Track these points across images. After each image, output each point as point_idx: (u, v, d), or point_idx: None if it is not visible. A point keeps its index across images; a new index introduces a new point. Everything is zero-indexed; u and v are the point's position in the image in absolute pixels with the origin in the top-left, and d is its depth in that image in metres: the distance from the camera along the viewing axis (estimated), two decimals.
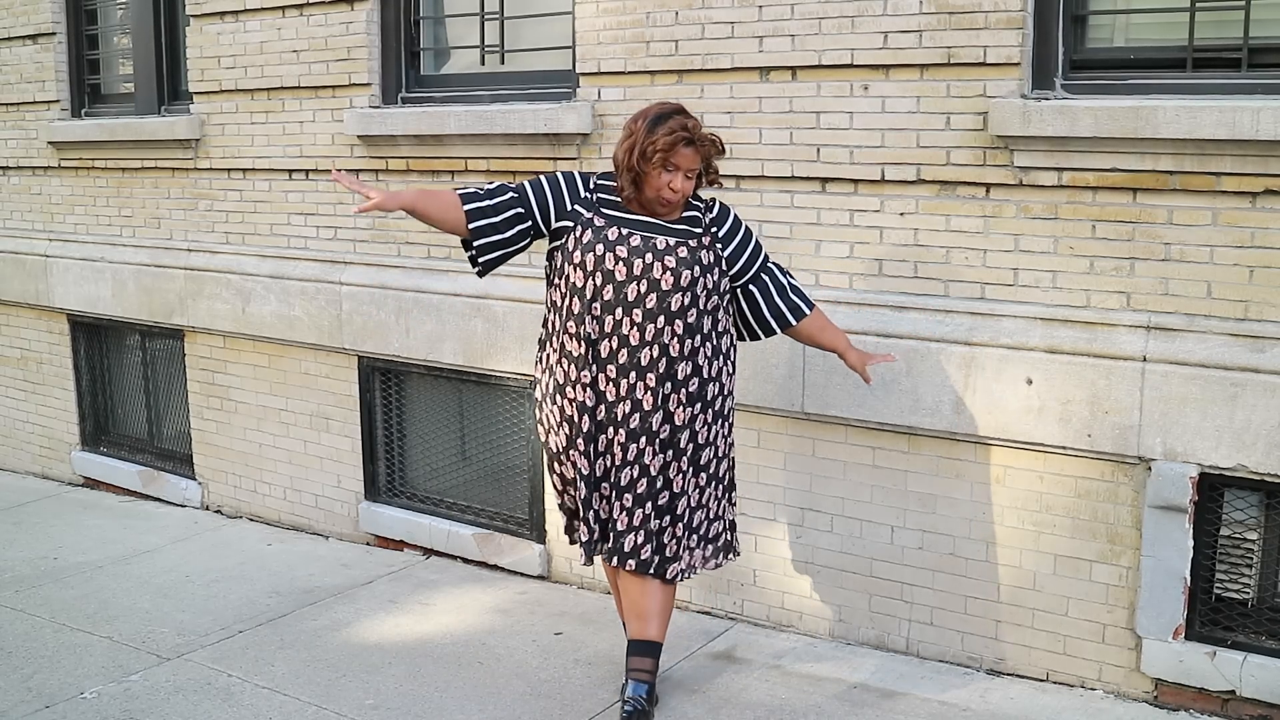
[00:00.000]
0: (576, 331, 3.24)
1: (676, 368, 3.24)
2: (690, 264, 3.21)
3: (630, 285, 3.19)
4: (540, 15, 4.58)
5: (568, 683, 3.71)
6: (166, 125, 5.62)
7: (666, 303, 3.19)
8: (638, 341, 3.21)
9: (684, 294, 3.21)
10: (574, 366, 3.26)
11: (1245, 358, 3.24)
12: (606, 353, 3.22)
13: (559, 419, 3.32)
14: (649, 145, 3.14)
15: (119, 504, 6.00)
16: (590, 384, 3.25)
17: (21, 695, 3.67)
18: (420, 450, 5.13)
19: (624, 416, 3.24)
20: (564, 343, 3.28)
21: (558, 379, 3.31)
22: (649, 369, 3.21)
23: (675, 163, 3.17)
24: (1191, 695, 3.43)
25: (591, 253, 3.21)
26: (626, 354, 3.21)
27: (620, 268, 3.19)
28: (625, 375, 3.22)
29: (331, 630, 4.17)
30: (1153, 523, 3.40)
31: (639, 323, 3.20)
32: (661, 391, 3.23)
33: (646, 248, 3.20)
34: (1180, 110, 3.23)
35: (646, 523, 3.30)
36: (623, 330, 3.21)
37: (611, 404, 3.24)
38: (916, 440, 3.77)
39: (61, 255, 6.21)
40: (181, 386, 5.87)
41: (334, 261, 5.11)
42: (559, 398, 3.31)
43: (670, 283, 3.19)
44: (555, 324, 3.33)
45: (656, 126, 3.17)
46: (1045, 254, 3.53)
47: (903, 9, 3.64)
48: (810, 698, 3.58)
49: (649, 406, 3.24)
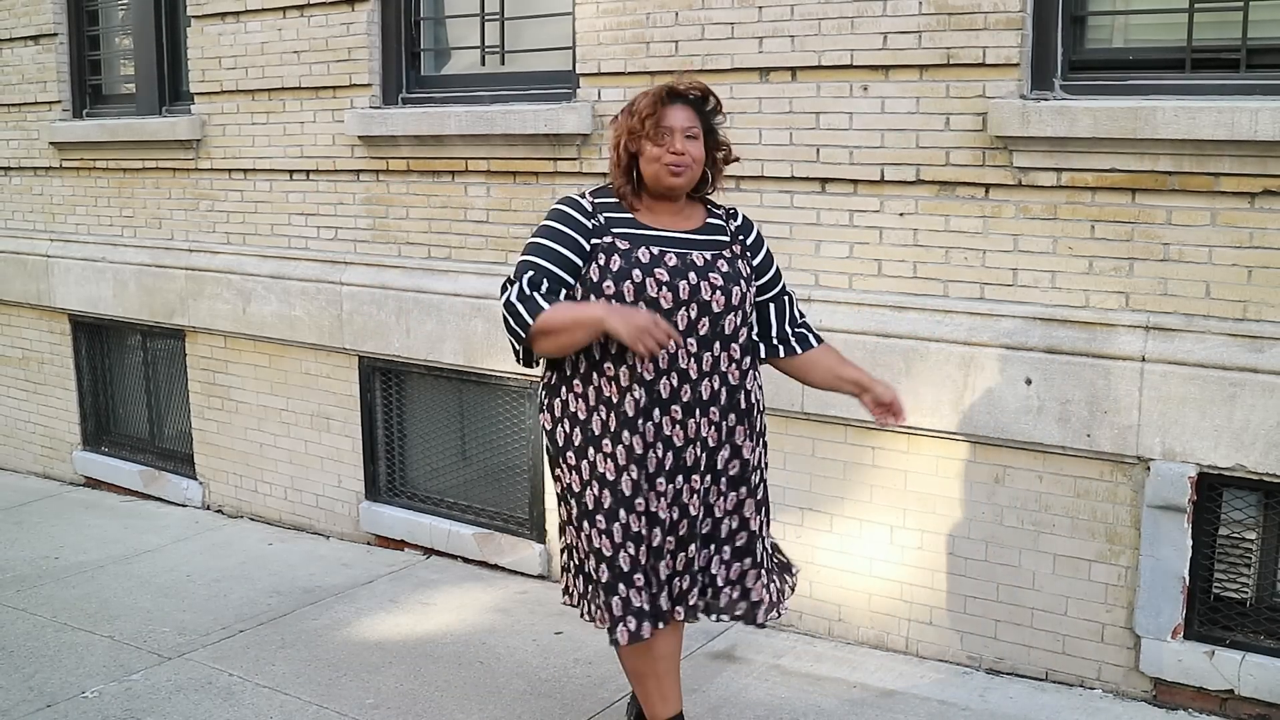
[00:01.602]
0: (616, 374, 2.78)
1: (737, 397, 2.88)
2: (735, 279, 2.84)
3: (679, 312, 2.77)
4: (540, 16, 4.58)
5: (568, 682, 3.71)
6: (168, 126, 5.63)
7: (720, 326, 2.82)
8: (696, 375, 2.81)
9: (735, 314, 2.84)
10: (617, 415, 2.79)
11: (1244, 357, 3.25)
12: (668, 393, 2.79)
13: (599, 478, 2.82)
14: (634, 118, 2.79)
15: (120, 504, 6.01)
16: (645, 431, 2.79)
17: (23, 694, 3.68)
18: (421, 450, 5.14)
19: (695, 461, 2.85)
20: (601, 387, 2.80)
21: (592, 429, 2.82)
22: (711, 403, 2.83)
23: (667, 125, 2.77)
24: (1190, 694, 3.44)
25: (628, 280, 2.75)
26: (689, 390, 2.80)
27: (665, 294, 2.75)
28: (691, 415, 2.81)
29: (332, 630, 4.17)
30: (1151, 522, 3.41)
31: (695, 353, 2.80)
32: (725, 425, 2.87)
33: (687, 267, 2.78)
34: (1179, 111, 3.24)
35: (728, 569, 2.96)
36: (680, 364, 2.79)
37: (680, 449, 2.82)
38: (916, 440, 3.77)
39: (63, 255, 6.21)
40: (182, 386, 5.88)
41: (334, 262, 5.12)
42: (591, 451, 2.82)
43: (722, 303, 2.80)
44: (581, 366, 2.83)
45: (638, 102, 2.82)
46: (1044, 254, 3.53)
47: (902, 10, 3.64)
48: (810, 698, 3.59)
49: (714, 444, 2.87)
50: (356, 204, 5.04)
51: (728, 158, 2.95)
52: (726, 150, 2.94)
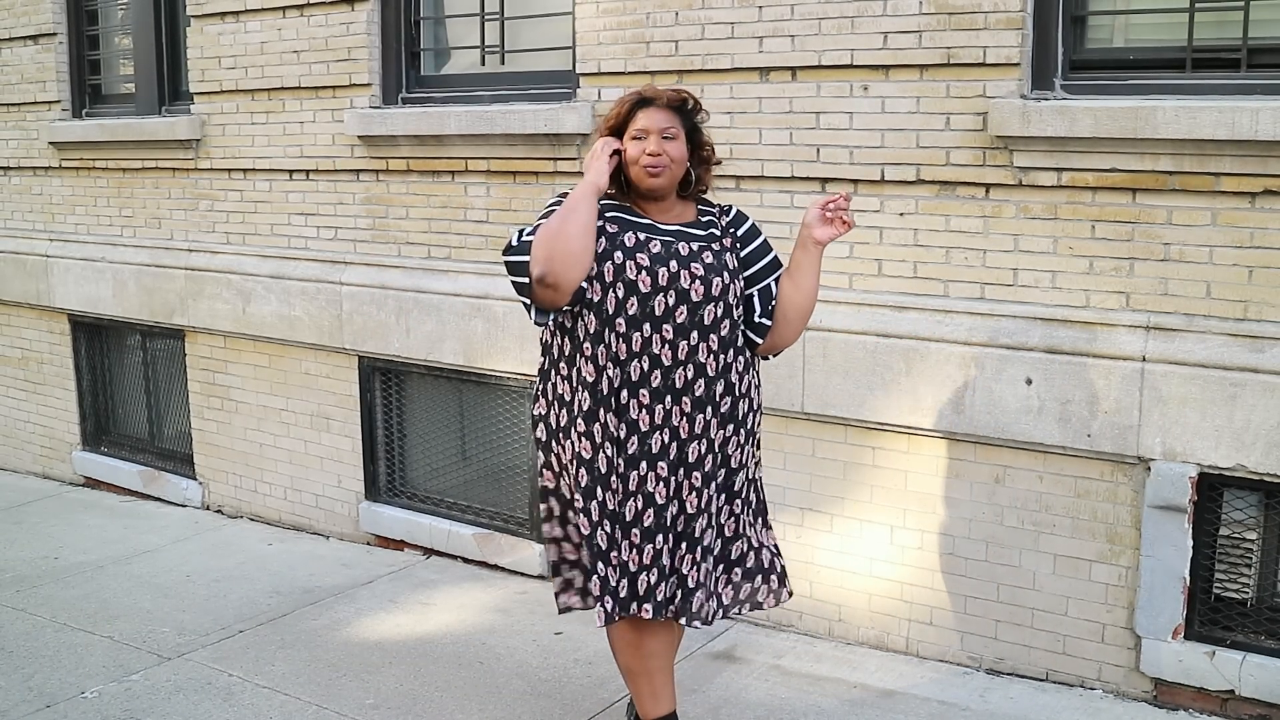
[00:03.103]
0: (594, 353, 2.84)
1: (714, 388, 2.88)
2: (718, 270, 2.86)
3: (656, 297, 2.81)
4: (540, 15, 4.58)
5: (568, 682, 3.71)
6: (167, 126, 5.63)
7: (699, 315, 2.84)
8: (670, 361, 2.84)
9: (716, 304, 2.86)
10: (593, 394, 2.84)
11: (1244, 358, 3.25)
12: (638, 375, 2.83)
13: (577, 457, 2.87)
14: (610, 123, 2.91)
15: (120, 504, 6.00)
16: (618, 411, 2.85)
17: (23, 694, 3.68)
18: (420, 450, 5.14)
19: (661, 448, 2.86)
20: (580, 368, 2.87)
21: (574, 410, 2.88)
22: (684, 392, 2.84)
23: (641, 129, 2.84)
24: (1191, 695, 3.43)
25: (609, 261, 2.81)
26: (660, 376, 2.83)
27: (644, 277, 2.81)
28: (660, 400, 2.84)
29: (332, 630, 4.17)
30: (1152, 523, 3.41)
31: (670, 339, 2.83)
32: (700, 419, 2.87)
33: (669, 254, 2.84)
34: (1179, 111, 3.23)
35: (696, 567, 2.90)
36: (653, 349, 2.83)
37: (645, 434, 2.85)
38: (916, 440, 3.77)
39: (62, 255, 6.21)
40: (182, 386, 5.88)
41: (334, 261, 5.11)
42: (573, 431, 2.88)
43: (700, 293, 2.83)
44: (566, 348, 2.92)
45: (615, 105, 2.94)
46: (1045, 254, 3.53)
47: (902, 9, 3.64)
48: (810, 698, 3.58)
49: (685, 435, 2.87)
50: (356, 204, 5.04)
51: (711, 156, 2.99)
52: (710, 149, 2.98)
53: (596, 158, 2.88)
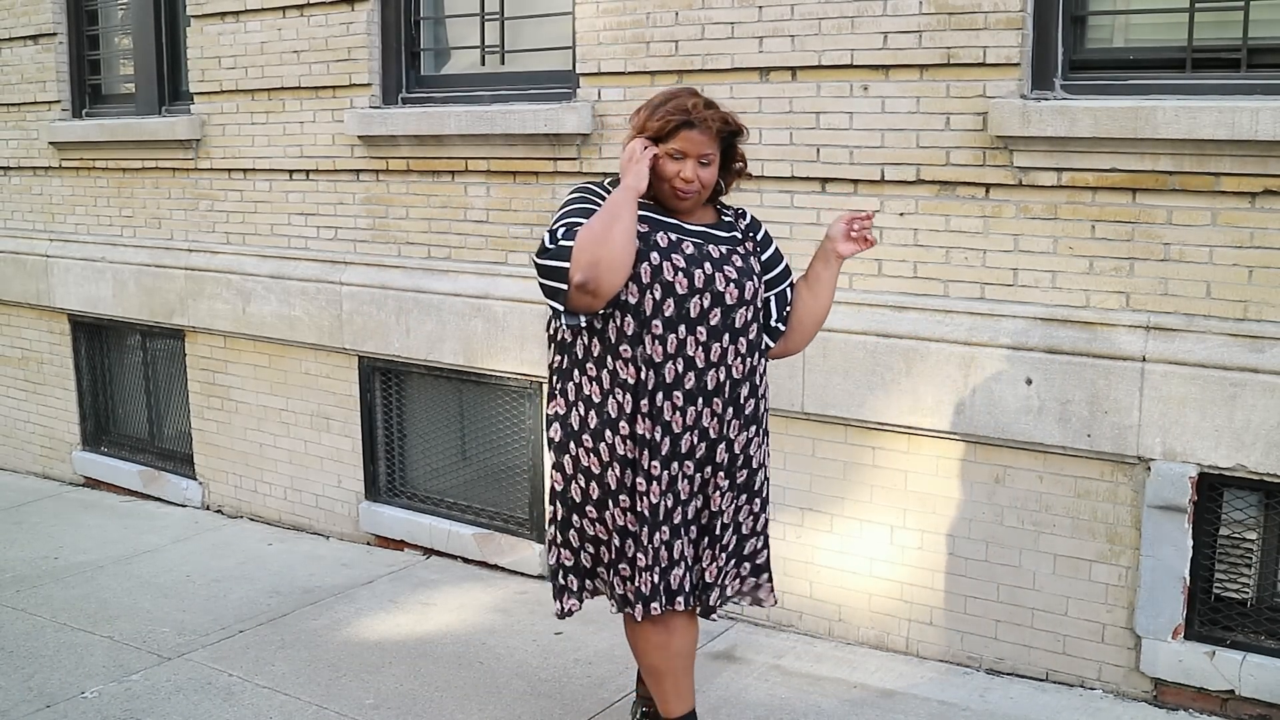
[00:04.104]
0: (633, 355, 2.80)
1: (740, 390, 2.90)
2: (749, 274, 2.88)
3: (692, 300, 2.79)
4: (540, 15, 4.58)
5: (568, 682, 3.71)
6: (167, 126, 5.63)
7: (731, 319, 2.84)
8: (703, 364, 2.83)
9: (747, 308, 2.87)
10: (631, 396, 2.82)
11: (1244, 358, 3.25)
12: (672, 377, 2.80)
13: (608, 458, 2.84)
14: (649, 130, 2.83)
15: (120, 504, 6.00)
16: (652, 414, 2.82)
17: (23, 694, 3.68)
18: (420, 450, 5.14)
19: (690, 448, 2.86)
20: (617, 370, 2.82)
21: (610, 413, 2.83)
22: (715, 394, 2.85)
23: (680, 149, 2.80)
24: (1191, 695, 3.43)
25: (645, 262, 2.76)
26: (694, 378, 2.82)
27: (680, 279, 2.78)
28: (692, 403, 2.83)
29: (332, 630, 4.17)
30: (1152, 523, 3.41)
31: (704, 342, 2.82)
32: (726, 418, 2.89)
33: (703, 256, 2.82)
34: (1179, 111, 3.23)
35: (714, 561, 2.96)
36: (687, 351, 2.81)
37: (678, 435, 2.84)
38: (916, 440, 3.77)
39: (62, 255, 6.21)
40: (182, 386, 5.88)
41: (334, 261, 5.11)
42: (610, 434, 2.83)
43: (734, 296, 2.83)
44: (595, 349, 2.84)
45: (656, 111, 2.84)
46: (1045, 254, 3.53)
47: (902, 9, 3.64)
48: (810, 698, 3.58)
49: (715, 435, 2.88)
50: (356, 204, 5.04)
51: (744, 169, 3.00)
52: (743, 161, 2.98)
53: (636, 161, 2.79)
